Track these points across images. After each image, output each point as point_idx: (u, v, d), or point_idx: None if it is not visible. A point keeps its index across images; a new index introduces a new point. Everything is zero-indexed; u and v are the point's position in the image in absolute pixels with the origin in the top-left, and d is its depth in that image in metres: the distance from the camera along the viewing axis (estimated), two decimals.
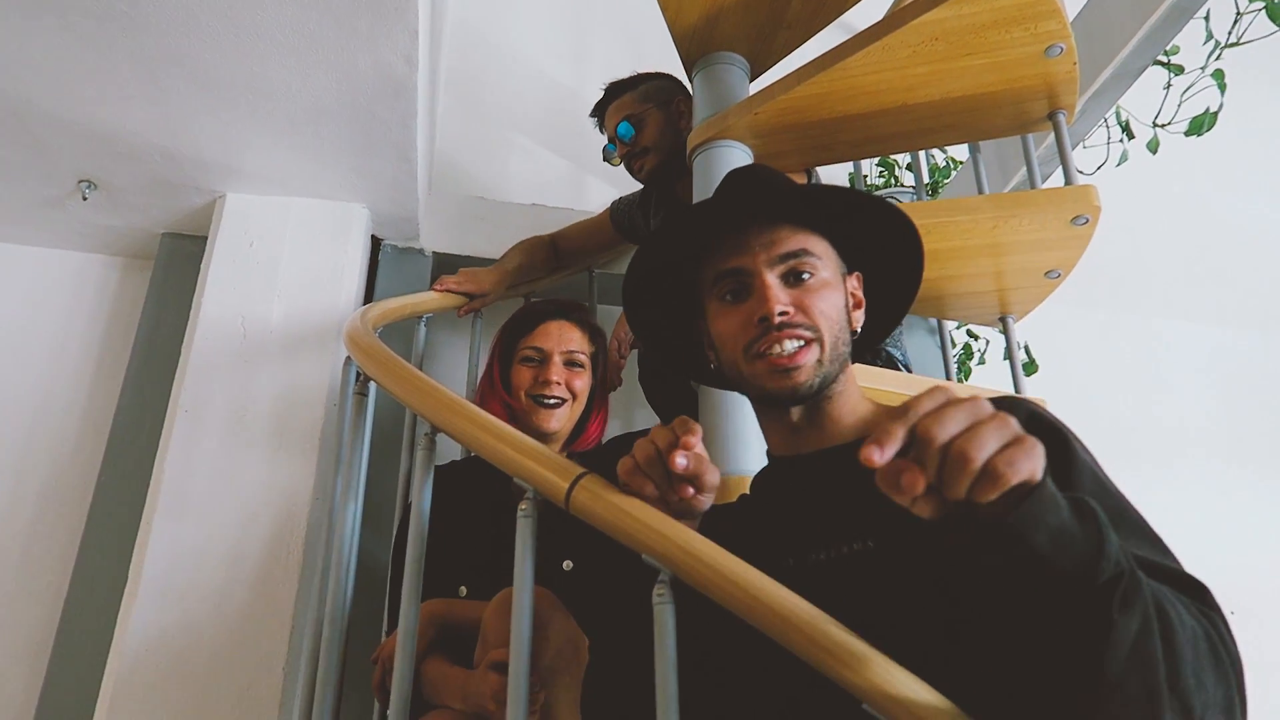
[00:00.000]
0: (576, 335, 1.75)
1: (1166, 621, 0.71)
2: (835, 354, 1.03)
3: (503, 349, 1.78)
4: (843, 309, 1.06)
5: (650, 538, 0.91)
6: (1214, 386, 3.48)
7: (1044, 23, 1.60)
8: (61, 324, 2.42)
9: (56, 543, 2.17)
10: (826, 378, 1.03)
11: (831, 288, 1.06)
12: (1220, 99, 1.88)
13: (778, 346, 1.01)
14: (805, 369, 1.01)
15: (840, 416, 1.06)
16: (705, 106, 1.96)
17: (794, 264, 1.05)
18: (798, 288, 1.04)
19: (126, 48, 1.78)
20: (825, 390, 1.04)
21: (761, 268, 1.04)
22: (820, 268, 1.06)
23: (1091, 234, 1.73)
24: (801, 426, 1.06)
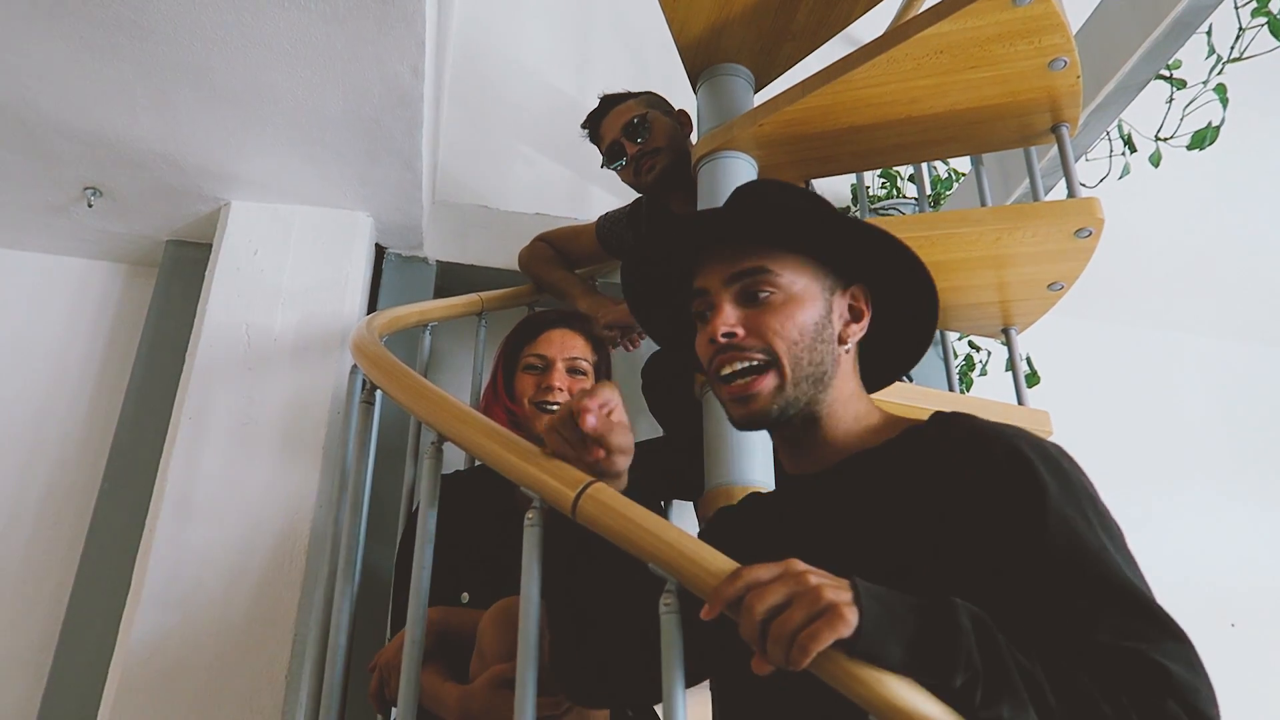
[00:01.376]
0: (579, 343, 1.76)
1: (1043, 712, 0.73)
2: (801, 375, 0.99)
3: (506, 357, 1.79)
4: (812, 326, 1.01)
5: (657, 546, 0.91)
6: (1217, 399, 3.49)
7: (1048, 37, 1.60)
8: (66, 330, 2.43)
9: (59, 549, 2.18)
10: (791, 403, 0.99)
11: (797, 304, 1.01)
12: (1222, 113, 1.89)
13: (728, 367, 1.00)
14: (761, 396, 0.99)
15: (836, 434, 1.03)
16: (710, 118, 1.97)
17: (748, 282, 1.02)
18: (753, 307, 1.01)
19: (133, 56, 1.79)
20: (800, 414, 1.01)
21: (718, 286, 1.03)
22: (782, 285, 1.02)
23: (1095, 246, 1.74)
24: (796, 446, 1.05)
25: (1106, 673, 0.76)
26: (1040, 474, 0.87)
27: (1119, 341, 3.49)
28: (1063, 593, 0.81)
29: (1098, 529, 0.85)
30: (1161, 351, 3.51)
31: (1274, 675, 2.97)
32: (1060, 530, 0.83)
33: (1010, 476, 0.87)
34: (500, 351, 1.81)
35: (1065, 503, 0.85)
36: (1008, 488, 0.87)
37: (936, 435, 0.96)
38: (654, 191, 2.14)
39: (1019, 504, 0.85)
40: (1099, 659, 0.77)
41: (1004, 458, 0.89)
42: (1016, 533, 0.84)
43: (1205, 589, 3.03)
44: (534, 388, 1.71)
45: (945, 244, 1.76)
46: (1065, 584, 0.81)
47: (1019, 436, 0.91)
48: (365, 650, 1.71)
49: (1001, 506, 0.86)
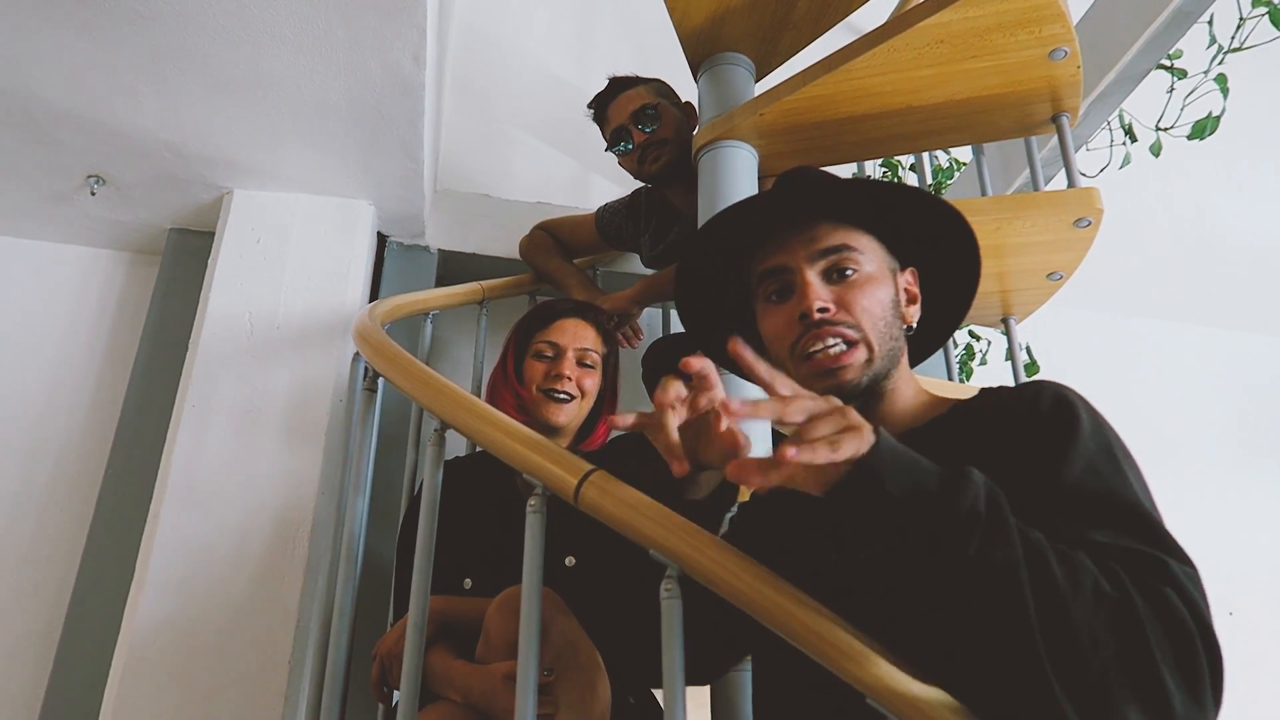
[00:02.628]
0: (591, 335, 1.76)
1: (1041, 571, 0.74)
2: (884, 351, 1.02)
3: (517, 342, 1.80)
4: (890, 304, 1.04)
5: (658, 533, 0.92)
6: (1216, 388, 3.49)
7: (1048, 26, 1.61)
8: (69, 318, 2.44)
9: (64, 535, 2.19)
10: (876, 376, 1.02)
11: (877, 283, 1.04)
12: (1223, 103, 1.89)
13: (820, 344, 1.00)
14: (852, 368, 1.00)
15: (890, 413, 1.05)
16: (711, 107, 1.97)
17: (835, 259, 1.04)
18: (840, 284, 1.03)
19: (136, 44, 1.80)
20: (876, 387, 1.03)
21: (802, 264, 1.04)
22: (863, 263, 1.04)
23: (1094, 236, 1.75)
24: None
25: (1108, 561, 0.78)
26: (1079, 413, 0.91)
27: (1118, 331, 3.49)
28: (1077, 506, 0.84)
29: (1121, 462, 0.88)
30: (1161, 340, 3.52)
31: (1272, 663, 2.99)
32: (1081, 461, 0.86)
33: (1052, 415, 0.91)
34: (511, 335, 1.82)
35: (1093, 436, 0.89)
36: (1048, 419, 0.91)
37: (991, 402, 0.99)
38: (655, 182, 2.15)
39: (1053, 436, 0.89)
40: (1102, 551, 0.79)
41: (1050, 398, 0.93)
42: (1045, 458, 0.87)
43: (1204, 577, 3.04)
44: (543, 375, 1.72)
45: None
46: (1080, 500, 0.84)
47: (1067, 388, 0.95)
48: (367, 636, 1.72)
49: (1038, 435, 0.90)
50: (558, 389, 1.70)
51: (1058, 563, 0.74)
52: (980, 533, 0.74)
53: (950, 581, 0.75)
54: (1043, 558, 0.74)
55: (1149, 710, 0.70)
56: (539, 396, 1.71)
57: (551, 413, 1.71)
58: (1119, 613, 0.73)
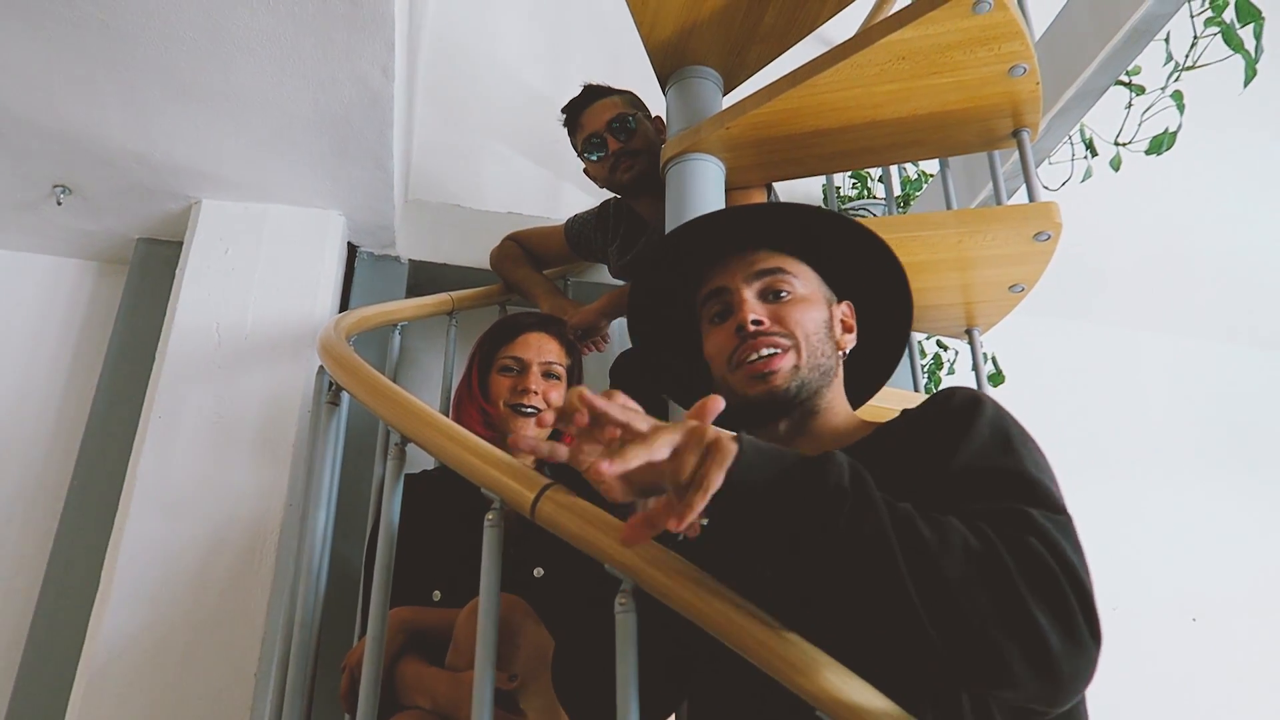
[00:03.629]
0: (554, 347, 1.77)
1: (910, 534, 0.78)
2: (814, 363, 1.08)
3: (481, 357, 1.80)
4: (823, 324, 1.12)
5: (613, 548, 0.93)
6: (1178, 396, 3.55)
7: (1007, 44, 1.63)
8: (35, 328, 2.42)
9: (29, 546, 2.17)
10: (805, 385, 1.07)
11: (810, 303, 1.12)
12: (1179, 119, 1.93)
13: (754, 354, 1.07)
14: (781, 374, 1.06)
15: (823, 431, 1.10)
16: (679, 120, 1.99)
17: (770, 280, 1.12)
18: (775, 303, 1.11)
19: (102, 54, 1.79)
20: (807, 402, 1.08)
21: (740, 284, 1.11)
22: (797, 286, 1.12)
23: (1054, 249, 1.77)
24: (788, 439, 1.10)
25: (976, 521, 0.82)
26: (985, 404, 0.96)
27: (1083, 340, 3.54)
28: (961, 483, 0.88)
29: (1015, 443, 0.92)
30: (1124, 350, 3.57)
31: (1234, 669, 3.03)
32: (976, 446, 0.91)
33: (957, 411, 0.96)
34: (475, 350, 1.83)
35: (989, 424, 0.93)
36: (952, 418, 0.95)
37: (907, 416, 1.04)
38: (624, 192, 2.16)
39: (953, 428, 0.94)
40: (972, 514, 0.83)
41: (959, 401, 0.98)
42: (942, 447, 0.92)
43: (1167, 584, 3.09)
44: (509, 390, 1.73)
45: (909, 247, 1.79)
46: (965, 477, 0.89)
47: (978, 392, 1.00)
48: (333, 648, 1.72)
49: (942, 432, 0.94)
50: (525, 403, 1.71)
51: (926, 527, 0.79)
52: (849, 507, 0.78)
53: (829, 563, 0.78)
54: (910, 523, 0.79)
55: (1028, 652, 0.75)
56: (506, 412, 1.72)
57: (519, 428, 1.71)
58: (986, 563, 0.77)
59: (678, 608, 0.89)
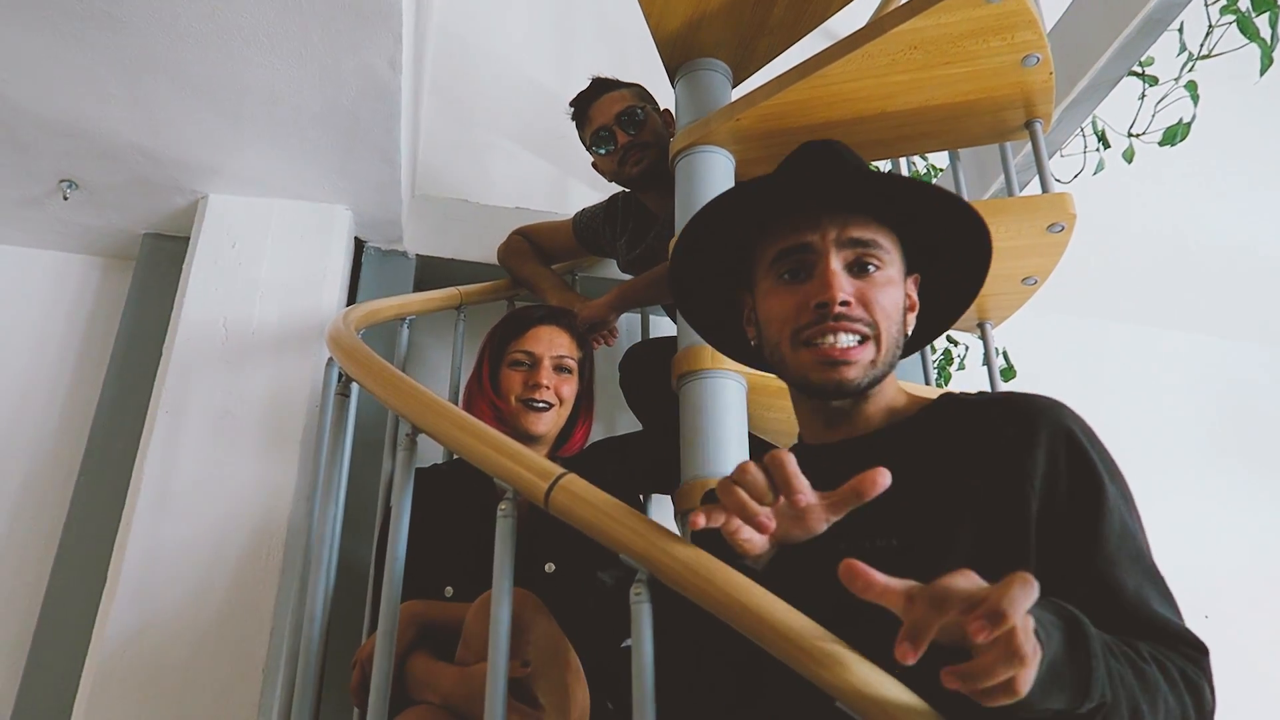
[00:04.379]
0: (566, 341, 1.76)
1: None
2: (888, 355, 1.00)
3: (492, 352, 1.78)
4: (901, 309, 1.02)
5: (628, 537, 0.92)
6: (1192, 394, 3.52)
7: (1020, 33, 1.62)
8: (42, 324, 2.41)
9: (35, 542, 2.16)
10: (876, 379, 0.99)
11: (895, 285, 1.01)
12: (1194, 110, 1.91)
13: (831, 337, 0.96)
14: (857, 366, 0.97)
15: (874, 408, 1.03)
16: (687, 112, 1.98)
17: (863, 253, 1.00)
18: (863, 279, 0.99)
19: (108, 47, 1.78)
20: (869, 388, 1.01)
21: (830, 247, 0.99)
22: (888, 262, 1.01)
23: (1067, 241, 1.76)
24: (837, 418, 1.04)
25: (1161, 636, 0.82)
26: (1099, 471, 0.90)
27: (1095, 336, 3.52)
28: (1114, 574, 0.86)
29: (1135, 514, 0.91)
30: (1138, 346, 3.55)
31: (1248, 667, 3.01)
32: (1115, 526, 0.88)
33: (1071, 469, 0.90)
34: (486, 344, 1.81)
35: (1118, 496, 0.90)
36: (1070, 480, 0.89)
37: (987, 410, 0.97)
38: (633, 185, 2.15)
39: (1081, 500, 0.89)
40: (1152, 622, 0.84)
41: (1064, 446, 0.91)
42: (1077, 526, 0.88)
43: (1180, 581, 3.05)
44: (521, 385, 1.71)
45: None
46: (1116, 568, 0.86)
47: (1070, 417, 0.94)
48: (343, 643, 1.71)
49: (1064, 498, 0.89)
50: (536, 398, 1.69)
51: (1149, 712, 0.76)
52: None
53: None
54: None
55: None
56: (518, 407, 1.70)
57: (531, 422, 1.70)
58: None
59: (695, 598, 0.87)
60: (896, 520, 0.91)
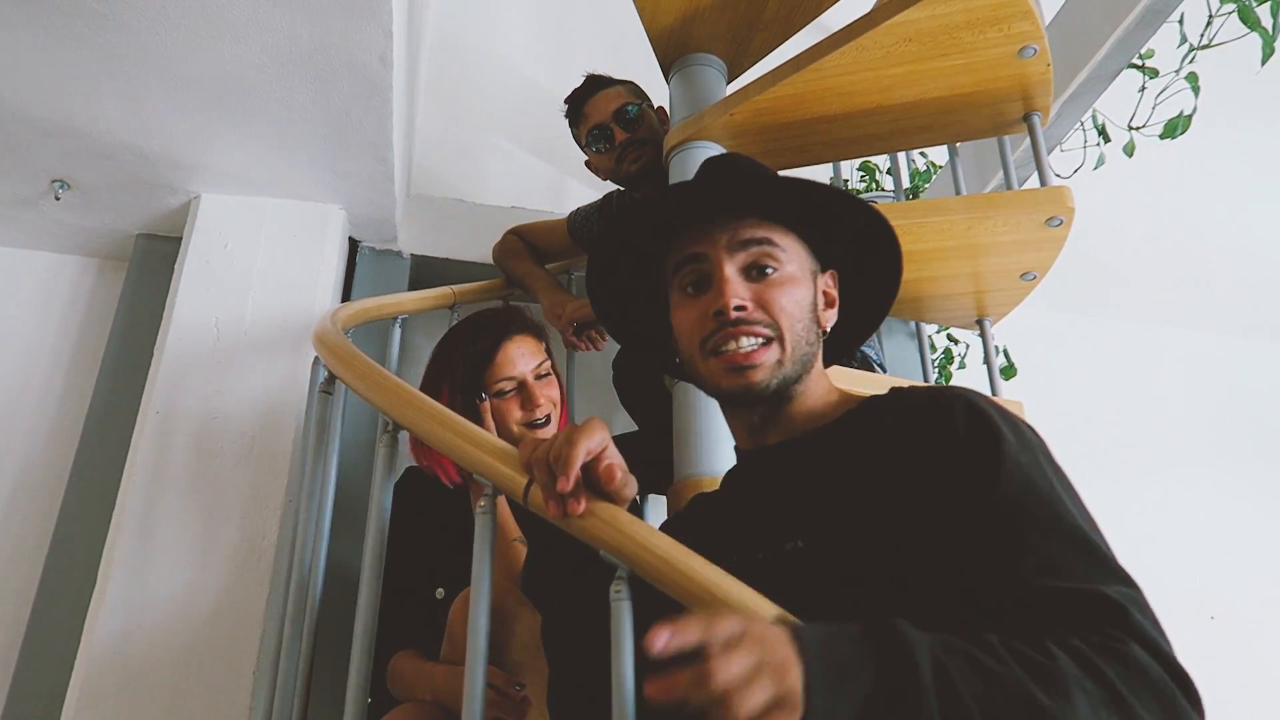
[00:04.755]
0: (533, 346, 1.68)
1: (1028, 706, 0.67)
2: (797, 354, 0.99)
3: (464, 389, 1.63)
4: (808, 307, 1.02)
5: (607, 534, 0.89)
6: (1195, 392, 3.49)
7: (1017, 24, 1.60)
8: (34, 325, 2.40)
9: (26, 545, 2.15)
10: (786, 379, 0.99)
11: (797, 283, 1.01)
12: (1194, 102, 1.88)
13: (733, 343, 0.97)
14: (763, 368, 0.97)
15: (798, 413, 1.02)
16: (682, 108, 1.96)
17: (756, 253, 1.00)
18: (759, 281, 1.00)
19: (97, 44, 1.77)
20: (785, 391, 1.00)
21: (721, 255, 1.00)
22: (785, 261, 1.01)
23: (1066, 235, 1.73)
24: (760, 423, 1.04)
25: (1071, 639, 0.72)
26: (998, 425, 0.86)
27: (1096, 333, 3.49)
28: (1016, 533, 0.80)
29: (1050, 476, 0.85)
30: (1141, 344, 3.52)
31: (1253, 667, 2.98)
32: (1015, 474, 0.83)
33: (970, 429, 0.87)
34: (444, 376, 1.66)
35: (1020, 450, 0.85)
36: (967, 439, 0.86)
37: (898, 401, 0.96)
38: (629, 183, 2.13)
39: (977, 452, 0.85)
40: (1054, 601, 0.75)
41: (963, 412, 0.88)
42: (973, 478, 0.83)
43: (1185, 582, 3.04)
44: (519, 411, 1.62)
45: (917, 233, 1.75)
46: (1018, 524, 0.80)
47: (979, 395, 0.91)
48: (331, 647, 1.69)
49: (960, 457, 0.85)
50: (536, 417, 1.62)
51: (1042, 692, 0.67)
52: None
53: None
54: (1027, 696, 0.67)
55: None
56: (522, 432, 1.61)
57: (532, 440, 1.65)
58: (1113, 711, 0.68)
59: (675, 595, 0.85)
60: (805, 523, 0.91)
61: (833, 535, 0.87)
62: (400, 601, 1.52)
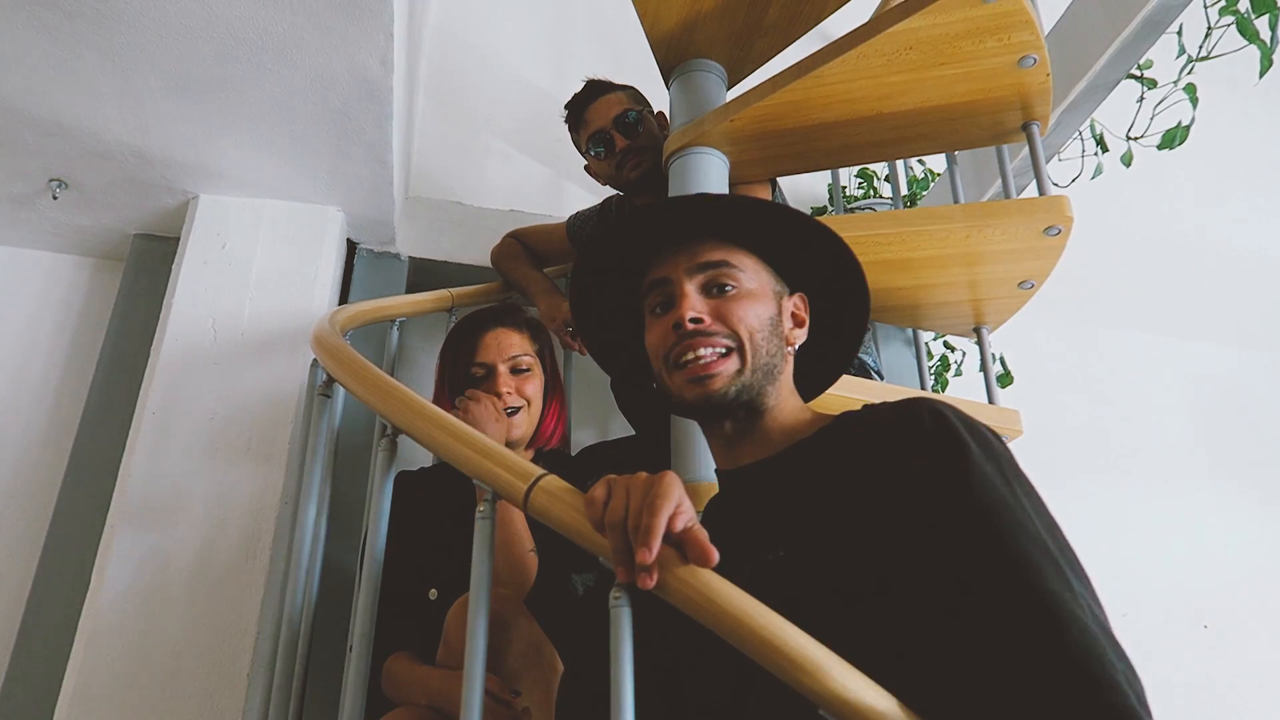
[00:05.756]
0: (516, 339, 1.71)
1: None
2: (758, 364, 1.03)
3: (452, 372, 1.72)
4: (769, 321, 1.07)
5: None
6: (1189, 401, 3.50)
7: (1017, 33, 1.60)
8: (30, 324, 2.40)
9: (20, 544, 2.14)
10: (747, 388, 1.02)
11: (756, 299, 1.07)
12: (1192, 113, 1.89)
13: (692, 353, 1.02)
14: (720, 377, 1.01)
15: (773, 430, 1.05)
16: (682, 113, 1.96)
17: (713, 274, 1.06)
18: (719, 298, 1.05)
19: (96, 44, 1.76)
20: (752, 403, 1.03)
21: (681, 276, 1.06)
22: (743, 280, 1.07)
23: (1064, 244, 1.74)
24: (735, 440, 1.07)
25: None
26: (961, 434, 0.88)
27: (1092, 343, 3.49)
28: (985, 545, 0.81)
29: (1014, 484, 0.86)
30: (1137, 354, 3.52)
31: (1246, 675, 2.98)
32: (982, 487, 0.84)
33: (936, 438, 0.89)
34: (441, 367, 1.75)
35: (985, 460, 0.87)
36: (934, 447, 0.88)
37: (868, 417, 0.98)
38: (629, 189, 2.13)
39: (944, 460, 0.87)
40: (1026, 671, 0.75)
41: (930, 420, 0.91)
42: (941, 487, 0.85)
43: (1178, 590, 3.05)
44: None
45: (915, 241, 1.76)
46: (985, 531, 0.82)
47: (944, 404, 0.94)
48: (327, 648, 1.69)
49: (929, 464, 0.87)
50: (501, 406, 1.64)
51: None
52: None
53: None
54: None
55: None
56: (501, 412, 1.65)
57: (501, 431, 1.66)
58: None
59: (676, 603, 0.85)
60: (786, 533, 0.94)
61: (814, 543, 0.90)
62: (393, 603, 1.52)
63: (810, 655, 0.78)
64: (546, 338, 1.80)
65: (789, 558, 0.91)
